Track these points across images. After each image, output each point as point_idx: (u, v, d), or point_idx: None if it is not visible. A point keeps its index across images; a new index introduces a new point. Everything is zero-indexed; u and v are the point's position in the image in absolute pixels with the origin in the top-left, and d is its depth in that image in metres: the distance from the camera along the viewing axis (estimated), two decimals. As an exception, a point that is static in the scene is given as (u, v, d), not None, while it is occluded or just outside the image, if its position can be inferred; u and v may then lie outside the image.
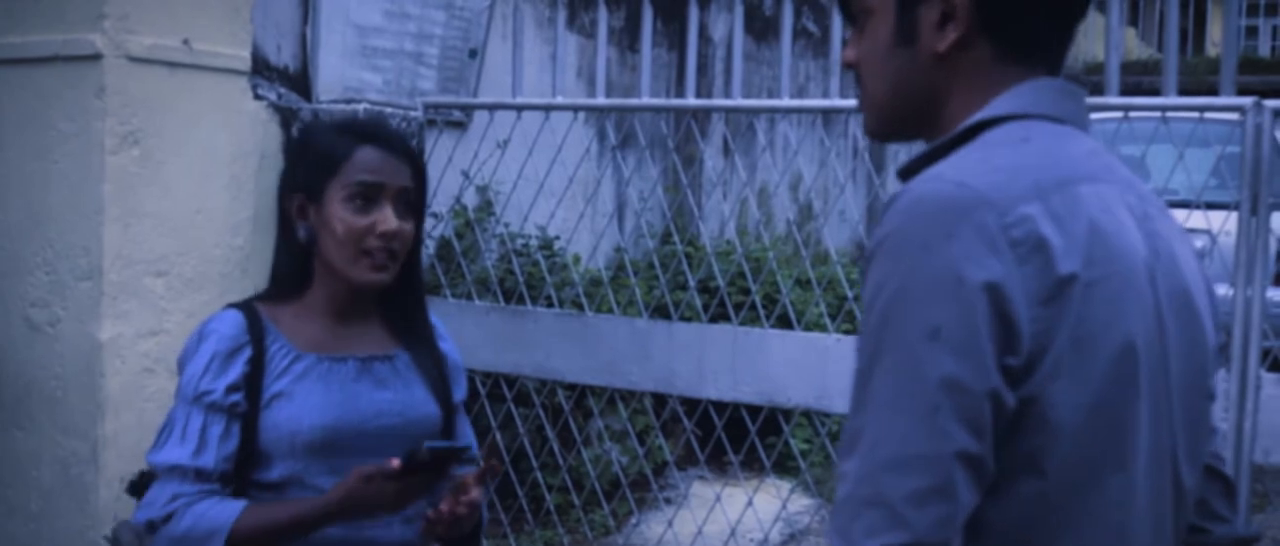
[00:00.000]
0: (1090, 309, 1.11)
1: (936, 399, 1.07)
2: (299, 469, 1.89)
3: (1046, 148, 1.20)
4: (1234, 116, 2.65)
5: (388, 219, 1.91)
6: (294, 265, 1.99)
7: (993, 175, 1.14)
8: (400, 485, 1.80)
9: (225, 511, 1.84)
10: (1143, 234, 1.19)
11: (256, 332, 1.92)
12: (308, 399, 1.90)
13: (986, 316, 1.07)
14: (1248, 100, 2.59)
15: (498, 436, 3.67)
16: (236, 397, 1.88)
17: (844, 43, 1.42)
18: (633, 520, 4.72)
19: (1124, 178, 1.24)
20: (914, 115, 1.30)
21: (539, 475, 3.75)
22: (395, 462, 1.78)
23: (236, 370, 1.89)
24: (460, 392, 2.11)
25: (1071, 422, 1.11)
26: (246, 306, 1.97)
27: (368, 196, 1.92)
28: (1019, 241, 1.10)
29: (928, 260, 1.10)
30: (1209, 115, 2.76)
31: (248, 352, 1.90)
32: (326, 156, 1.94)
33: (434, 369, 2.04)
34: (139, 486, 1.97)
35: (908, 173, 1.27)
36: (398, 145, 1.98)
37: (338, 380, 1.93)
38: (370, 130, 1.99)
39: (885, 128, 1.34)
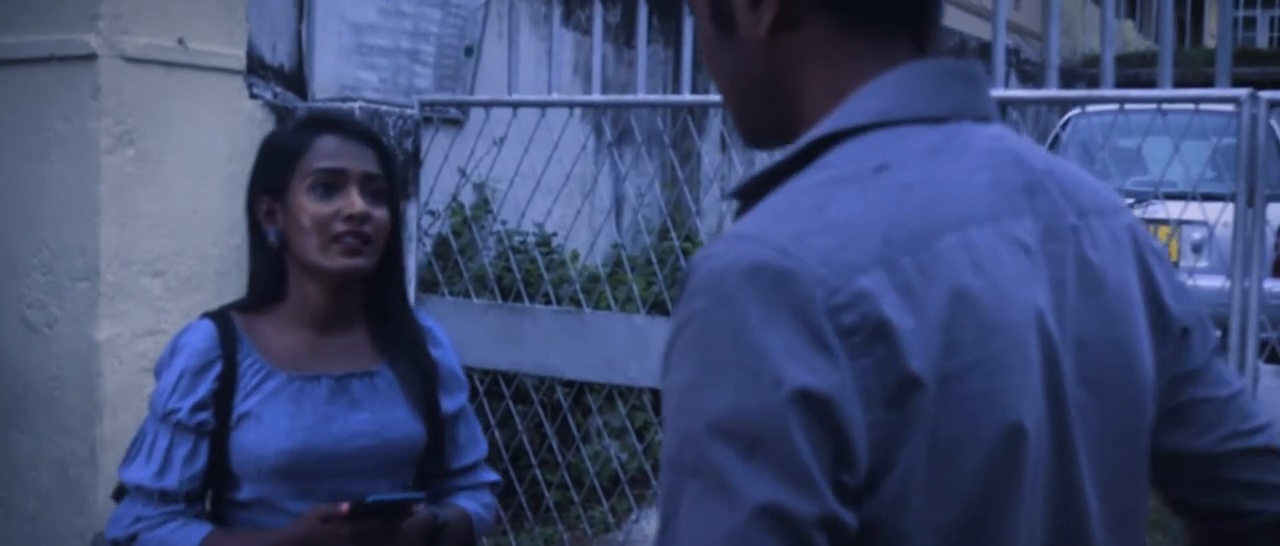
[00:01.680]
0: (951, 409, 0.89)
1: (757, 536, 0.84)
2: (267, 491, 1.85)
3: (908, 180, 0.94)
4: (1230, 108, 2.65)
5: (354, 202, 1.85)
6: (267, 272, 1.93)
7: (825, 236, 0.89)
8: (355, 528, 1.75)
9: (185, 540, 1.81)
10: (1045, 266, 0.98)
11: (228, 347, 1.87)
12: (276, 422, 1.84)
13: (811, 428, 0.85)
14: (1243, 91, 2.59)
15: (497, 434, 3.66)
16: (203, 416, 1.84)
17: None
18: (632, 517, 4.72)
19: (1023, 185, 1.00)
20: (771, 117, 1.06)
21: (538, 472, 3.75)
22: (343, 507, 1.74)
23: (205, 387, 1.84)
24: (454, 402, 2.03)
25: None
26: (221, 317, 1.91)
27: (330, 183, 1.86)
28: (852, 328, 0.86)
29: (739, 355, 0.86)
30: (1205, 107, 2.75)
31: (218, 368, 1.85)
32: (286, 152, 1.90)
33: (420, 383, 1.96)
34: (122, 494, 1.95)
35: (747, 195, 1.02)
36: (359, 132, 1.93)
37: (309, 401, 1.87)
38: (328, 119, 1.95)
39: (748, 134, 1.10)
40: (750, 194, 1.01)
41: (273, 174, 1.91)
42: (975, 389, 0.90)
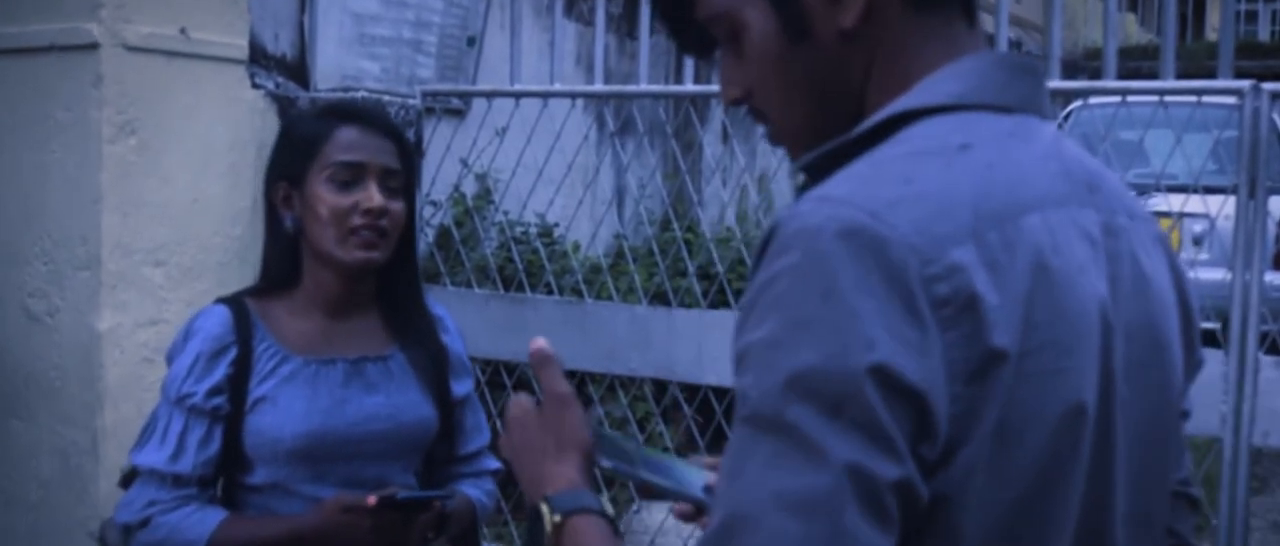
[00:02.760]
0: (1023, 386, 0.89)
1: (839, 495, 0.82)
2: (282, 475, 1.85)
3: (990, 160, 0.94)
4: (1232, 100, 2.64)
5: (372, 196, 1.86)
6: (282, 258, 1.94)
7: (916, 205, 0.88)
8: (376, 520, 1.76)
9: (200, 525, 1.81)
10: (1104, 260, 0.99)
11: (243, 332, 1.87)
12: (292, 405, 1.85)
13: (895, 395, 0.84)
14: (1245, 83, 2.59)
15: (499, 423, 3.67)
16: (218, 401, 1.84)
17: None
18: (634, 508, 4.72)
19: (1086, 180, 1.02)
20: (842, 116, 1.02)
21: (539, 462, 3.75)
22: (371, 499, 1.75)
23: (220, 372, 1.85)
24: (463, 387, 2.05)
25: (986, 524, 0.90)
26: (236, 302, 1.92)
27: (349, 176, 1.87)
28: (945, 300, 0.86)
29: (827, 315, 0.85)
30: (1207, 99, 2.75)
31: (233, 353, 1.86)
32: (306, 140, 1.90)
33: (432, 367, 1.98)
34: (130, 480, 1.95)
35: (815, 171, 1.01)
36: (379, 124, 1.93)
37: (325, 385, 1.88)
38: (350, 110, 1.95)
39: (814, 140, 1.05)
40: (818, 169, 1.01)
41: (292, 161, 1.91)
42: (1046, 367, 0.90)
